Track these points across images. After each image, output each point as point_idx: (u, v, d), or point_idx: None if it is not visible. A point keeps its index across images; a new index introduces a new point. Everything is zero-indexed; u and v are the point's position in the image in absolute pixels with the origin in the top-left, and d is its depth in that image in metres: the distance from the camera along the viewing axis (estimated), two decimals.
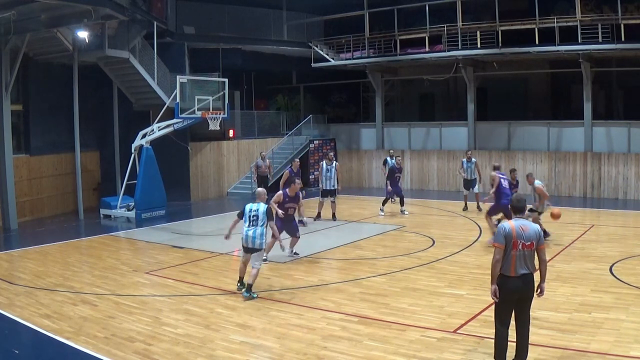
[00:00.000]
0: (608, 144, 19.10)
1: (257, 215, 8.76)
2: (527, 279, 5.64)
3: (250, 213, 8.81)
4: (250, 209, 8.83)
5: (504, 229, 5.67)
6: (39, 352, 6.94)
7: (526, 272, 5.62)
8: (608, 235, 12.66)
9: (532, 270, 5.67)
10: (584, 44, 17.62)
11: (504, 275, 5.64)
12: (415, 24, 21.88)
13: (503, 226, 5.72)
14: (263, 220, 8.73)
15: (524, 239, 5.60)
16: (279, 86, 26.97)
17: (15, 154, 15.74)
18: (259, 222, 8.73)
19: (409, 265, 10.36)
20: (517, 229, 5.62)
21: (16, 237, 14.46)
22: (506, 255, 5.61)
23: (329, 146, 24.08)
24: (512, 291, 5.62)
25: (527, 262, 5.62)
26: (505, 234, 5.63)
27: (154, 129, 16.43)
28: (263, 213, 8.76)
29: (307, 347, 6.61)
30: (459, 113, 22.65)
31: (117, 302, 8.52)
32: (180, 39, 20.54)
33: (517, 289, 5.62)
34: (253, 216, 8.78)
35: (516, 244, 5.58)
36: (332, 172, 15.37)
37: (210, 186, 21.04)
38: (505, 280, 5.64)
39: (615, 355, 6.10)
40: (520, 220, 5.74)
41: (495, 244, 5.70)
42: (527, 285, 5.66)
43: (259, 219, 8.73)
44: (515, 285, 5.60)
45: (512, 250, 5.59)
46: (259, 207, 8.84)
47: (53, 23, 14.60)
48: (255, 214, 8.77)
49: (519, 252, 5.59)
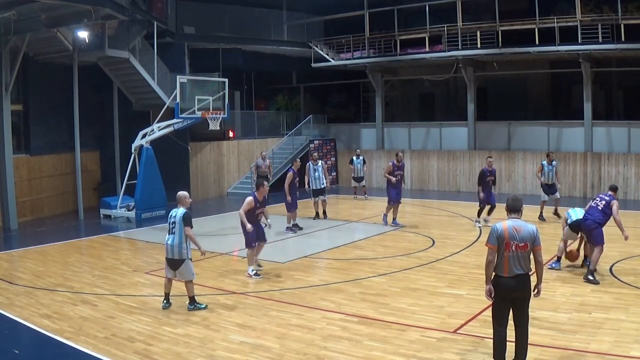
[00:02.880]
0: (608, 144, 19.10)
1: (175, 221, 8.03)
2: (521, 279, 5.61)
3: (170, 219, 8.13)
4: (170, 215, 8.17)
5: (496, 230, 5.65)
6: (39, 352, 6.94)
7: (520, 272, 5.58)
8: (608, 236, 12.52)
9: (527, 271, 5.63)
10: (584, 44, 17.61)
11: (498, 275, 5.65)
12: (415, 24, 21.90)
13: (496, 227, 5.69)
14: (180, 226, 7.96)
15: (517, 239, 5.57)
16: (279, 86, 26.97)
17: (15, 154, 15.75)
18: (177, 230, 7.99)
19: (409, 266, 10.36)
20: (509, 230, 5.60)
21: (16, 237, 14.46)
22: (499, 256, 5.61)
23: (329, 146, 24.10)
24: (506, 291, 5.61)
25: (521, 263, 5.59)
26: (498, 235, 5.62)
27: (154, 129, 16.43)
28: (180, 219, 7.99)
29: (307, 347, 6.61)
30: (459, 113, 22.66)
31: (117, 302, 8.52)
32: (181, 39, 20.55)
33: (512, 289, 5.60)
34: (172, 223, 8.07)
35: (509, 245, 5.57)
36: (320, 171, 15.44)
37: (210, 186, 21.05)
38: (499, 280, 5.64)
39: (615, 356, 6.10)
40: (515, 221, 5.71)
41: (487, 244, 5.69)
42: (522, 286, 5.63)
43: (177, 226, 7.99)
44: (509, 285, 5.59)
45: (505, 251, 5.58)
46: (177, 212, 8.10)
47: (53, 23, 14.61)
48: (173, 221, 8.05)
49: (512, 253, 5.57)
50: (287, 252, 11.86)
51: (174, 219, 8.07)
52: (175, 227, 8.02)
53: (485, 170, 14.07)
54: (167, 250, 8.13)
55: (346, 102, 27.95)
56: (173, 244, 8.03)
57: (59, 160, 17.93)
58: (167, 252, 8.15)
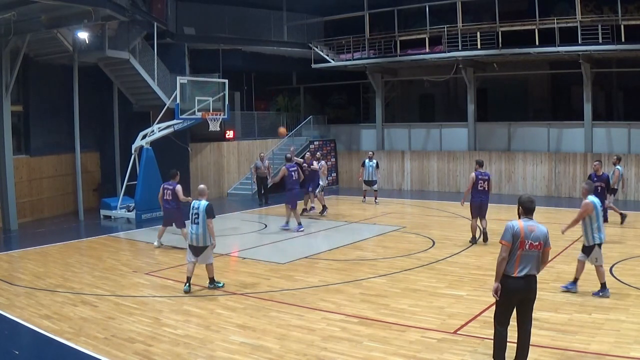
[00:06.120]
0: (608, 144, 19.11)
1: (198, 212, 8.86)
2: (529, 281, 5.59)
3: (192, 210, 8.93)
4: (192, 206, 8.98)
5: (512, 227, 5.61)
6: (39, 353, 6.94)
7: (530, 273, 5.57)
8: (608, 236, 12.51)
9: (536, 272, 5.63)
10: (584, 44, 17.62)
11: (506, 275, 5.60)
12: (415, 24, 21.92)
13: (512, 224, 5.64)
14: (203, 217, 8.81)
15: (532, 239, 5.57)
16: (279, 87, 26.99)
17: (15, 155, 15.75)
18: (200, 220, 8.83)
19: (409, 266, 10.36)
20: (525, 229, 5.59)
21: (16, 237, 14.46)
22: (512, 254, 5.57)
23: (329, 147, 24.11)
24: (513, 292, 5.58)
25: (532, 263, 5.58)
26: (514, 233, 5.58)
27: (154, 129, 16.43)
28: (203, 210, 8.84)
29: (307, 348, 6.61)
30: (459, 114, 22.66)
31: (117, 303, 8.52)
32: (181, 40, 20.56)
33: (519, 290, 5.57)
34: (195, 214, 8.88)
35: (523, 243, 5.54)
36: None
37: (210, 187, 20.82)
38: (507, 280, 5.59)
39: (615, 356, 6.10)
40: (529, 221, 5.70)
41: (502, 241, 5.63)
42: (530, 287, 5.61)
43: (200, 217, 8.83)
44: (517, 285, 5.56)
45: (518, 249, 5.55)
46: (200, 204, 8.94)
47: (53, 24, 14.60)
48: (196, 212, 8.88)
49: (525, 251, 5.55)
50: (287, 252, 11.86)
51: (197, 210, 8.86)
52: (198, 218, 8.82)
53: (593, 175, 13.10)
54: (190, 238, 8.98)
55: (346, 102, 27.96)
56: (197, 232, 8.86)
57: (59, 161, 17.93)
58: (190, 240, 8.98)
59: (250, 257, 11.52)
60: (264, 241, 13.28)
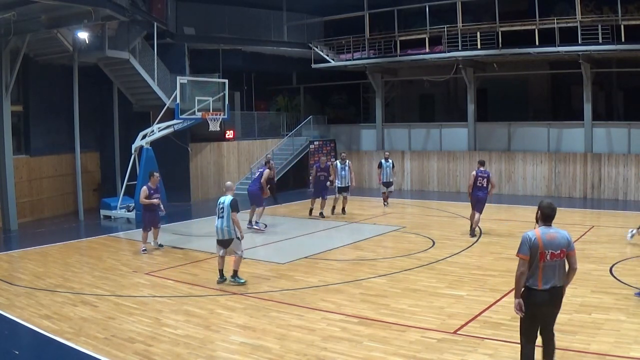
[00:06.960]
0: (608, 144, 19.11)
1: (224, 207, 9.29)
2: (555, 293, 5.20)
3: (218, 205, 9.40)
4: (219, 202, 9.45)
5: (529, 239, 5.17)
6: (39, 353, 6.94)
7: (555, 284, 5.18)
8: (608, 237, 12.64)
9: (562, 283, 5.24)
10: (584, 44, 17.62)
11: (530, 288, 5.18)
12: (415, 24, 21.90)
13: (528, 236, 5.20)
14: (228, 212, 9.23)
15: (553, 247, 5.15)
16: (279, 87, 26.98)
17: (15, 155, 15.76)
18: (225, 214, 9.25)
19: (409, 266, 10.36)
20: (543, 238, 5.16)
21: (16, 237, 14.46)
22: (533, 267, 5.15)
23: (329, 147, 24.10)
24: (538, 305, 5.19)
25: (556, 273, 5.18)
26: (531, 245, 5.15)
27: (154, 129, 16.44)
28: (228, 205, 9.26)
29: (307, 348, 6.61)
30: (459, 114, 22.66)
31: (117, 303, 8.52)
32: (181, 40, 20.54)
33: (544, 303, 5.19)
34: (220, 209, 9.33)
35: (543, 255, 5.12)
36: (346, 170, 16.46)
37: (210, 187, 21.03)
38: (531, 294, 5.19)
39: (615, 356, 6.10)
40: (547, 228, 5.26)
41: (519, 254, 5.20)
42: (555, 300, 5.25)
43: (225, 211, 9.25)
44: (543, 299, 5.16)
45: (539, 261, 5.12)
46: (225, 199, 9.37)
47: (53, 24, 14.61)
48: (222, 207, 9.32)
49: (547, 262, 5.13)
50: (287, 252, 11.86)
51: (222, 205, 9.32)
52: (223, 212, 9.27)
53: None
54: (217, 232, 9.41)
55: (346, 102, 27.96)
56: (222, 226, 9.30)
57: (59, 161, 17.93)
58: (217, 234, 9.41)
59: (250, 257, 11.51)
60: (264, 241, 13.28)
